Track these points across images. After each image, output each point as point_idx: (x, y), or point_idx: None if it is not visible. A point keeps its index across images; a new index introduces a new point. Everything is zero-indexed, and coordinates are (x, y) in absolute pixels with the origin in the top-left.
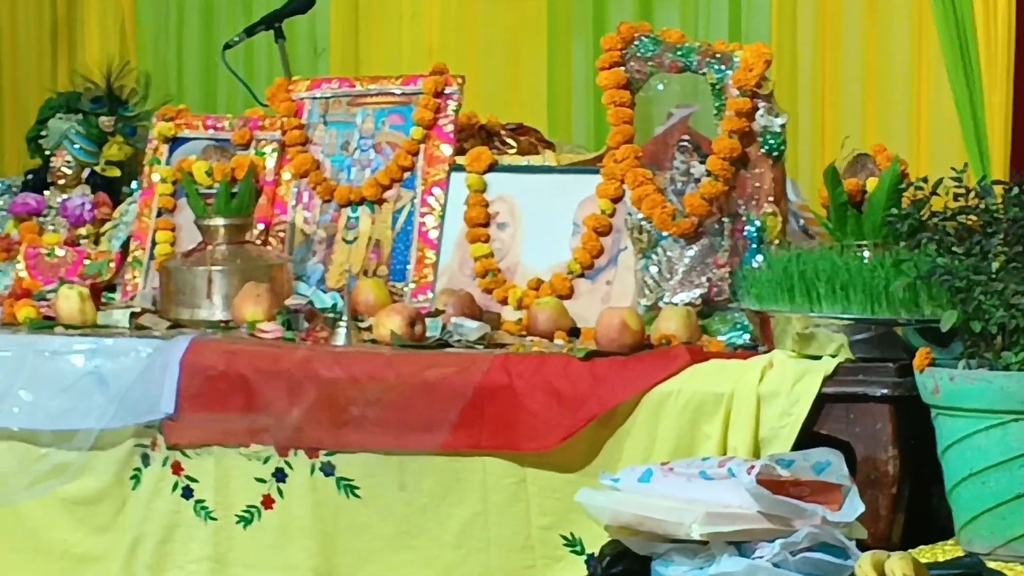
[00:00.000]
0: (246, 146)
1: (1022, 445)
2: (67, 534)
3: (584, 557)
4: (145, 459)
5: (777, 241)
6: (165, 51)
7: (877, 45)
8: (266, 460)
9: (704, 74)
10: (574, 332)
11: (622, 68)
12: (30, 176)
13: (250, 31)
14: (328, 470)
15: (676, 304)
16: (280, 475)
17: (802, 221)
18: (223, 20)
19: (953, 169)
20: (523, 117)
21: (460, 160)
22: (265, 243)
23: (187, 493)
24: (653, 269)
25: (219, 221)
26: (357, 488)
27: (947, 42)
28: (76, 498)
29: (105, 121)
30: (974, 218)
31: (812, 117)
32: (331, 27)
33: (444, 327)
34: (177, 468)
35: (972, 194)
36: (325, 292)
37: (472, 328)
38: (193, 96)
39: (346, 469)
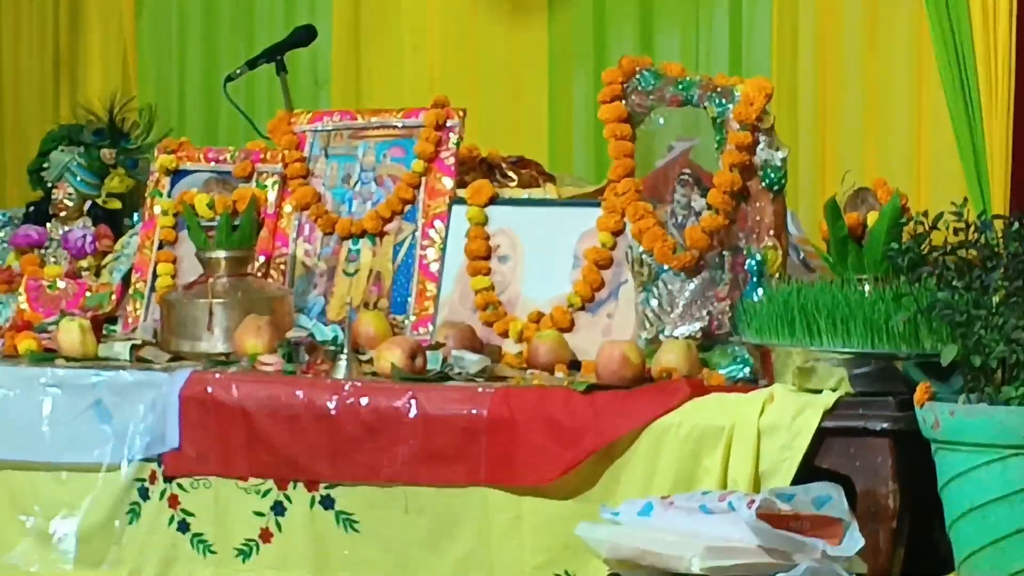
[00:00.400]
0: (248, 179)
1: (1023, 479)
2: (63, 569)
3: None
4: (143, 493)
5: (777, 275)
6: (167, 83)
7: (878, 79)
8: (265, 494)
9: (705, 108)
10: (575, 365)
11: (623, 102)
12: (32, 208)
13: (252, 64)
14: (328, 503)
15: (677, 337)
16: (279, 508)
17: (803, 255)
18: (225, 52)
19: (953, 203)
20: (524, 150)
21: (461, 193)
22: (266, 276)
23: (183, 527)
24: (654, 302)
25: (220, 254)
26: (356, 522)
27: (947, 76)
28: (72, 532)
29: (107, 153)
30: (974, 252)
31: (813, 151)
32: (332, 60)
33: (445, 360)
34: (174, 502)
35: (972, 229)
36: (326, 325)
37: (473, 361)
38: (194, 128)
39: (346, 502)
